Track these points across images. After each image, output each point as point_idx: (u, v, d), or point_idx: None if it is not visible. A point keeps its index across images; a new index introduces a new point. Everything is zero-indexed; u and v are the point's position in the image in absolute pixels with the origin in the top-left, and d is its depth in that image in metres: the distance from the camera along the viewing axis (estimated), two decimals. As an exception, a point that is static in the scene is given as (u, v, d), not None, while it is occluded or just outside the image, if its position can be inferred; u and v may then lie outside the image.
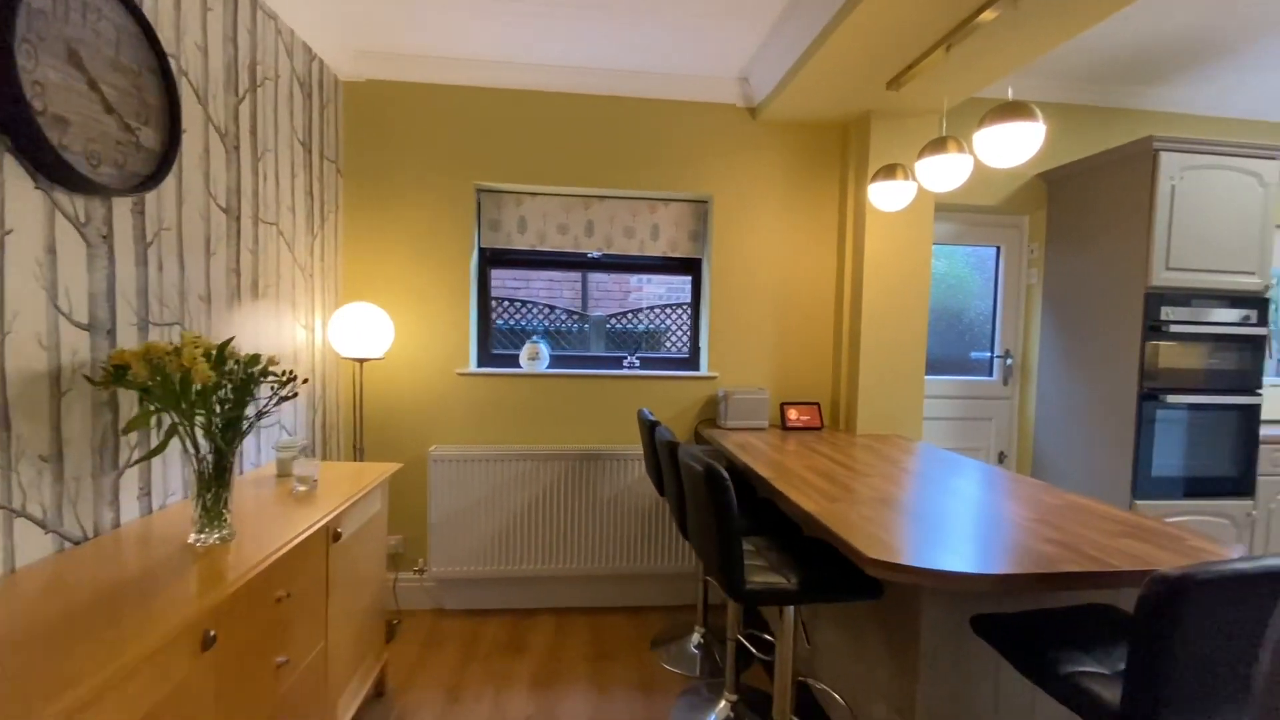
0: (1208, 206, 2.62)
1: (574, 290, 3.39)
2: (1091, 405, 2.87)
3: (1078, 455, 2.95)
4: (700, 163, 2.97)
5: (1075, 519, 1.56)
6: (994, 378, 3.36)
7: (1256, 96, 3.19)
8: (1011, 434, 3.35)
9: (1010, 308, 3.34)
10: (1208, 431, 2.69)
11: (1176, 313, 2.63)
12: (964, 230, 3.30)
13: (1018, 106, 1.72)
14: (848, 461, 2.20)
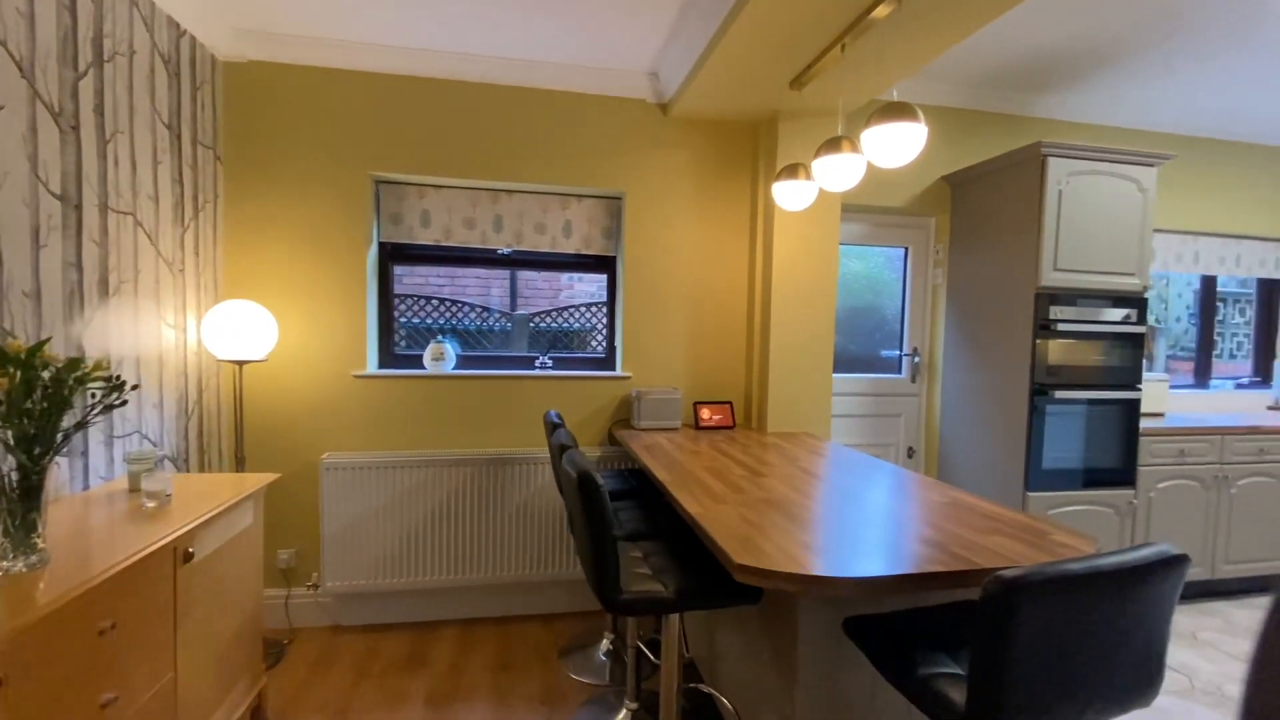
0: (1092, 210, 2.75)
1: (502, 288, 3.29)
2: (989, 401, 2.98)
3: (978, 450, 3.05)
4: (613, 158, 2.91)
5: (954, 517, 1.58)
6: (903, 375, 3.44)
7: (1137, 106, 3.39)
8: (919, 430, 3.44)
9: (917, 307, 3.43)
10: (1093, 425, 2.82)
11: (1064, 312, 2.75)
12: (873, 231, 3.37)
13: (901, 107, 1.73)
14: (749, 461, 2.19)
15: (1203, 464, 2.99)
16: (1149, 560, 0.95)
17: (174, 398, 2.25)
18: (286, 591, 2.70)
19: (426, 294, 2.99)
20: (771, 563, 1.23)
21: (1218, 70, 2.90)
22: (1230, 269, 3.87)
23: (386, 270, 2.88)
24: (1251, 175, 3.74)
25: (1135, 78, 3.02)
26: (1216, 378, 4.00)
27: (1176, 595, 1.01)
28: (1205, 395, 3.84)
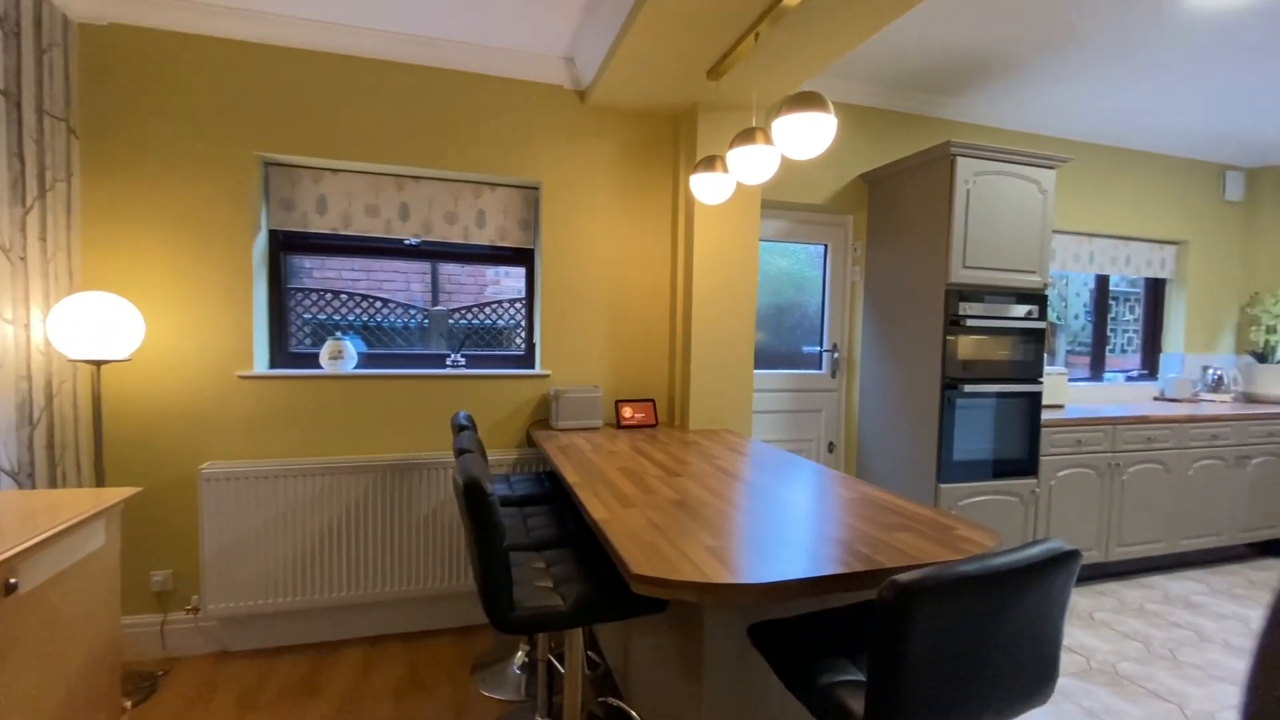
0: (997, 210, 2.84)
1: (424, 283, 3.09)
2: (904, 395, 3.04)
3: (894, 443, 3.11)
4: (528, 146, 2.78)
5: (863, 514, 1.55)
6: (823, 370, 3.48)
7: (1040, 113, 3.55)
8: (840, 424, 3.49)
9: (837, 303, 3.47)
10: (1000, 418, 2.92)
11: (972, 308, 2.83)
12: (794, 228, 3.38)
13: (810, 97, 1.69)
14: (666, 461, 2.12)
15: (1097, 453, 3.15)
16: (1041, 558, 0.93)
17: (12, 403, 1.97)
18: (161, 617, 2.43)
19: (337, 288, 2.77)
20: (672, 571, 1.15)
21: (1108, 80, 3.06)
22: (1121, 269, 4.13)
23: (278, 261, 2.64)
24: (1141, 182, 4.01)
25: (1037, 84, 3.15)
26: (1110, 371, 4.26)
27: (1069, 591, 0.99)
28: (1100, 387, 4.09)
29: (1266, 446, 3.55)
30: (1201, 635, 2.69)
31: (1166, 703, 2.20)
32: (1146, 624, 2.79)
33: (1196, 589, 3.20)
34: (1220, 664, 2.46)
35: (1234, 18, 2.44)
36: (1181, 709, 2.16)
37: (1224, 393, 4.08)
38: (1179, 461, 3.34)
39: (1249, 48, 2.69)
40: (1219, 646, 2.59)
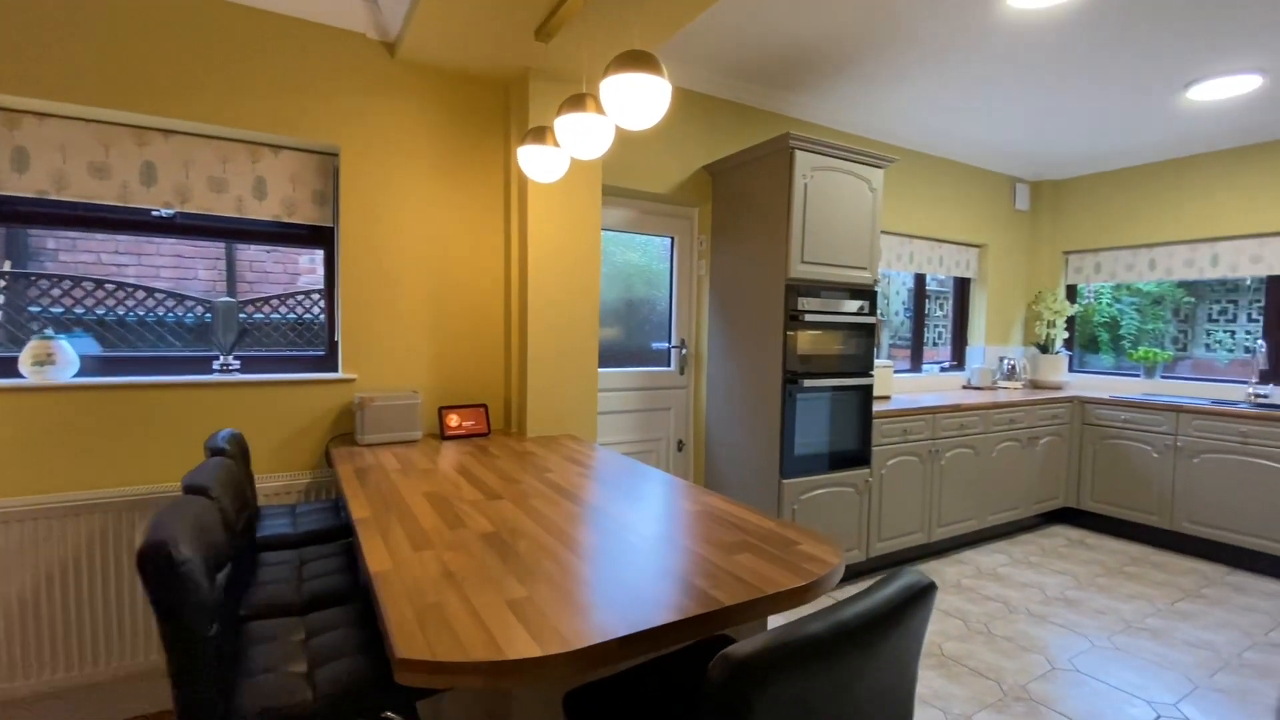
0: (832, 206, 2.86)
1: (215, 270, 2.47)
2: (748, 391, 2.98)
3: (740, 439, 3.05)
4: (323, 102, 2.30)
5: (702, 532, 1.36)
6: (671, 367, 3.35)
7: (871, 116, 3.70)
8: (689, 422, 3.38)
9: (684, 298, 3.36)
10: (836, 411, 2.96)
11: (810, 303, 2.82)
12: (640, 218, 3.21)
13: (640, 56, 1.47)
14: (490, 478, 1.81)
15: (920, 441, 3.34)
16: (899, 600, 0.76)
17: None
18: None
19: (80, 273, 2.10)
20: (454, 647, 0.85)
21: (924, 90, 3.24)
22: (936, 269, 4.49)
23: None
24: (951, 188, 4.37)
25: (866, 87, 3.25)
26: (927, 363, 4.62)
27: (926, 627, 0.85)
28: (919, 378, 4.41)
29: (1050, 427, 4.02)
30: (1009, 606, 2.92)
31: (986, 679, 2.30)
32: (964, 599, 2.98)
33: (1001, 560, 3.52)
34: (1025, 634, 2.65)
35: (1018, 49, 2.64)
36: (999, 684, 2.27)
37: (1016, 380, 4.59)
38: (985, 444, 3.66)
39: (1029, 73, 2.95)
40: (1023, 616, 2.82)
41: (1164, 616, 2.84)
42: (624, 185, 2.99)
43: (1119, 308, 4.78)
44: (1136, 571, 3.39)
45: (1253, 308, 4.11)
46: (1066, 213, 4.76)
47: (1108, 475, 3.98)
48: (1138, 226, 4.35)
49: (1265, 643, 2.62)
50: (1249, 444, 3.38)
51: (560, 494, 1.65)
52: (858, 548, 3.09)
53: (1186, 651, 2.53)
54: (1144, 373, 4.39)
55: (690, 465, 3.38)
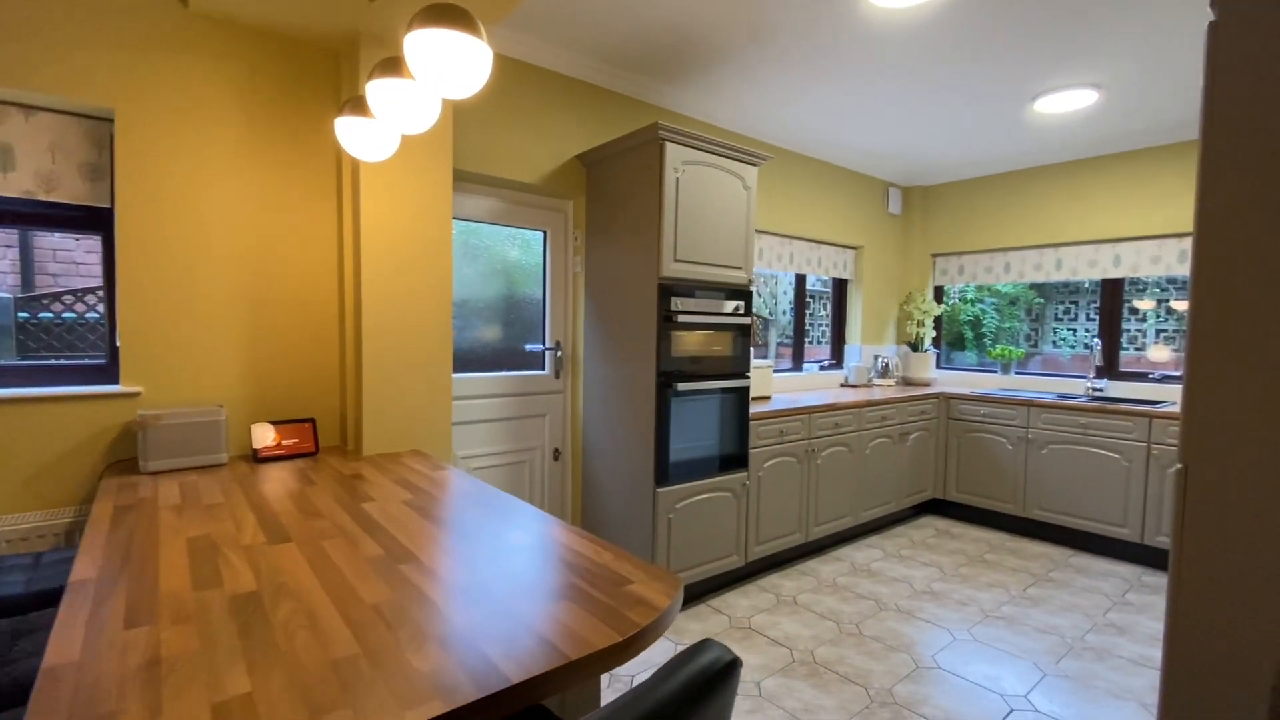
0: (705, 202, 2.75)
1: (7, 260, 1.98)
2: (624, 395, 2.82)
3: (616, 446, 2.88)
4: (91, 52, 1.87)
5: (525, 575, 1.16)
6: (546, 370, 3.13)
7: (744, 111, 3.65)
8: (565, 429, 3.18)
9: (558, 296, 3.14)
10: (713, 414, 2.86)
11: (685, 303, 2.70)
12: (509, 209, 2.96)
13: (450, 11, 1.24)
14: (289, 515, 1.51)
15: (797, 441, 3.32)
16: (698, 683, 0.59)
17: None
18: None
19: None
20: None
21: (798, 88, 3.22)
22: (815, 269, 4.55)
23: None
24: (829, 190, 4.44)
25: (741, 82, 3.18)
26: (809, 361, 4.69)
27: (733, 702, 0.69)
28: (800, 377, 4.46)
29: (919, 423, 4.17)
30: (880, 604, 2.95)
31: (855, 685, 2.27)
32: (839, 599, 2.98)
33: (875, 555, 3.59)
34: (894, 632, 2.67)
35: (884, 50, 2.66)
36: (867, 689, 2.25)
37: (890, 377, 4.76)
38: (859, 442, 3.72)
39: (895, 77, 3.00)
40: (892, 614, 2.85)
41: (1017, 604, 2.98)
42: (487, 173, 2.73)
43: (981, 307, 5.09)
44: (995, 559, 3.57)
45: (1090, 308, 4.49)
46: (934, 217, 5.00)
47: (970, 467, 4.20)
48: (995, 231, 4.63)
49: (1103, 623, 2.79)
50: (1089, 435, 3.66)
51: (369, 532, 1.39)
52: (736, 553, 3.01)
53: (1036, 638, 2.64)
54: (1001, 369, 4.69)
55: (567, 475, 3.18)
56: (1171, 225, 3.81)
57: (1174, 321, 4.04)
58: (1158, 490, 3.41)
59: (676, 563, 2.75)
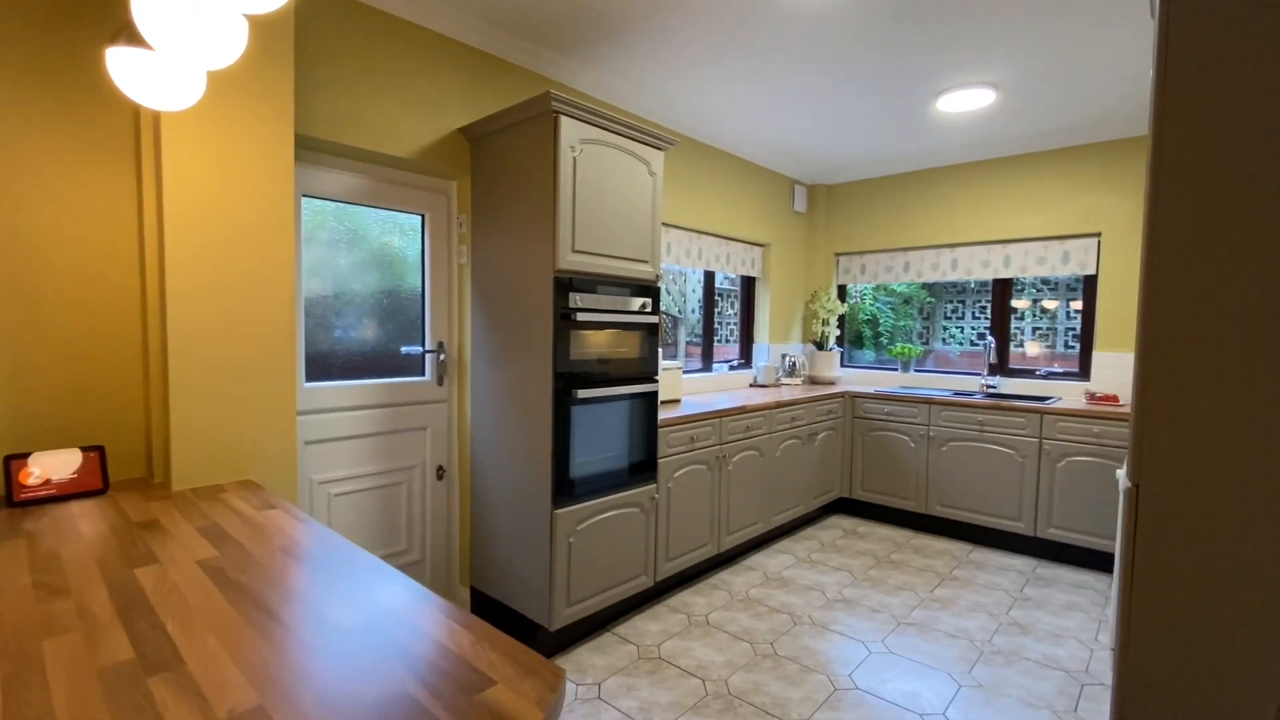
0: (607, 187, 2.47)
1: None
2: (517, 404, 2.48)
3: (509, 462, 2.53)
4: None
5: (334, 682, 0.83)
6: (427, 377, 2.72)
7: (647, 94, 3.40)
8: (450, 443, 2.79)
9: (440, 291, 2.75)
10: (618, 422, 2.59)
11: (585, 299, 2.40)
12: (379, 188, 2.53)
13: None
14: (18, 594, 1.06)
15: (708, 447, 3.12)
16: None
17: None
18: None
19: None
20: None
21: (702, 76, 3.01)
22: (723, 266, 4.40)
23: None
24: (737, 186, 4.30)
25: (644, 62, 2.92)
26: (719, 361, 4.54)
27: None
28: (710, 377, 4.29)
29: (827, 422, 4.12)
30: (794, 617, 2.80)
31: (772, 717, 2.07)
32: (752, 615, 2.80)
33: (787, 562, 3.46)
34: (809, 650, 2.52)
35: (789, 36, 2.49)
36: (784, 723, 2.06)
37: (796, 376, 4.70)
38: (770, 445, 3.59)
39: (801, 68, 2.86)
40: (806, 628, 2.70)
41: (926, 606, 2.93)
42: (349, 143, 2.29)
43: (878, 306, 5.17)
44: (901, 559, 3.55)
45: (975, 307, 4.64)
46: (837, 216, 5.01)
47: (875, 465, 4.20)
48: (896, 231, 4.68)
49: (1007, 622, 2.78)
50: (985, 432, 3.72)
51: (126, 618, 0.98)
52: (644, 573, 2.76)
53: (948, 644, 2.58)
54: (901, 367, 4.76)
55: (454, 496, 2.79)
56: (1055, 228, 3.97)
57: (1047, 320, 4.24)
58: (1049, 484, 3.51)
59: (579, 591, 2.45)
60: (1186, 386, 1.10)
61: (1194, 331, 1.09)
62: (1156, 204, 1.14)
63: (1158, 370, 1.13)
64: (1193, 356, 1.09)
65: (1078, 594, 3.11)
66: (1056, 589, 3.16)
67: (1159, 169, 1.14)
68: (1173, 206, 1.12)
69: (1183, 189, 1.10)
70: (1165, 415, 1.12)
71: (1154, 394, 1.14)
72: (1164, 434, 1.12)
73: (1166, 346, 1.12)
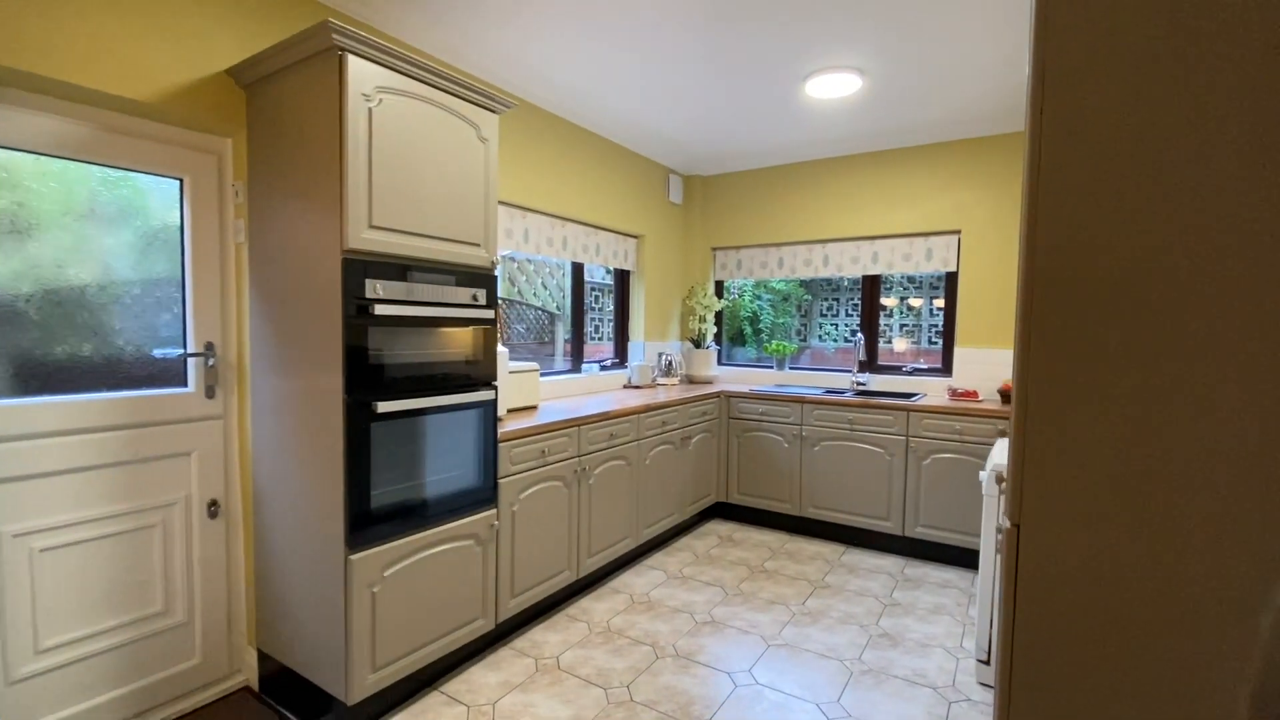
0: (421, 152, 2.02)
1: None
2: (304, 421, 1.97)
3: (297, 494, 2.01)
4: None
5: None
6: (190, 388, 2.13)
7: (505, 61, 2.96)
8: (228, 471, 2.21)
9: (208, 277, 2.16)
10: (444, 439, 2.15)
11: (390, 288, 1.94)
12: (113, 142, 1.91)
13: None
14: None
15: (564, 460, 2.75)
16: None
17: None
18: None
19: None
20: None
21: (554, 38, 2.62)
22: (593, 258, 4.04)
23: None
24: (609, 170, 3.95)
25: (497, 21, 2.48)
26: (588, 361, 4.18)
27: None
28: (580, 379, 3.92)
29: (702, 424, 3.88)
30: (657, 649, 2.49)
31: (618, 790, 1.73)
32: (610, 651, 2.46)
33: (656, 579, 3.17)
34: (671, 691, 2.21)
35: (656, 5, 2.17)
36: (631, 796, 1.72)
37: (673, 375, 4.45)
38: (639, 452, 3.28)
39: (668, 35, 2.56)
40: (670, 661, 2.40)
41: (797, 622, 2.74)
42: (49, 73, 1.67)
43: (760, 304, 5.05)
44: (775, 567, 3.37)
45: (848, 304, 4.62)
46: (714, 209, 4.81)
47: (751, 467, 4.02)
48: (770, 226, 4.55)
49: (877, 634, 2.64)
50: (856, 431, 3.64)
51: None
52: (482, 615, 2.33)
53: (818, 667, 2.37)
54: (776, 365, 4.65)
55: (234, 539, 2.22)
56: (920, 225, 3.97)
57: (913, 317, 4.28)
58: (915, 483, 3.47)
59: (390, 651, 1.98)
60: (1068, 408, 0.86)
61: (1079, 344, 0.85)
62: (1036, 200, 0.90)
63: (1039, 388, 0.89)
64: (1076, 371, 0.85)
65: (943, 594, 3.05)
66: (924, 590, 3.10)
67: (1043, 164, 0.89)
68: (1052, 201, 0.87)
69: (1059, 184, 0.86)
70: (1048, 445, 0.87)
71: (1036, 416, 0.90)
72: (1047, 466, 0.87)
73: (1049, 361, 0.87)
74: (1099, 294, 0.85)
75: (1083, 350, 0.86)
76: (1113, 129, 0.84)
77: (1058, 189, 0.88)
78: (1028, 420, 0.90)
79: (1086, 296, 0.86)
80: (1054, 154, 0.88)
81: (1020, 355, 0.92)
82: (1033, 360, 0.90)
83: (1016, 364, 0.92)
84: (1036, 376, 0.89)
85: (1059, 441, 0.87)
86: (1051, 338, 0.89)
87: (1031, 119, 0.90)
